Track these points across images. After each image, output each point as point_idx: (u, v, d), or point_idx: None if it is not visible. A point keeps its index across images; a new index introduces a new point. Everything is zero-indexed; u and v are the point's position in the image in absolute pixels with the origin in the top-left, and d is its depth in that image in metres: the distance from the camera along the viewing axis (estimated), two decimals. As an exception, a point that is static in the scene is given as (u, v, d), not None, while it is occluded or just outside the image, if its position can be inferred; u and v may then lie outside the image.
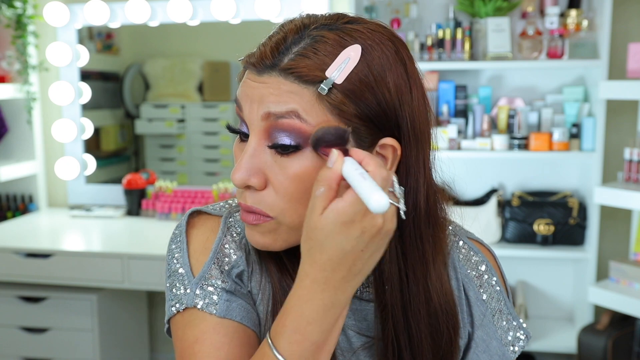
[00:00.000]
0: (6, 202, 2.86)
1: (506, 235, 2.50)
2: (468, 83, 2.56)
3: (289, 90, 0.64)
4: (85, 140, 2.88)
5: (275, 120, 0.64)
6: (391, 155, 0.67)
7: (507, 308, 0.81)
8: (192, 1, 2.64)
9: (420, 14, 2.53)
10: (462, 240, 0.83)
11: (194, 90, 2.94)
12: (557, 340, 2.48)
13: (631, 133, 2.46)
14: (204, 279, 0.72)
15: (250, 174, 0.66)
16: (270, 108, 0.64)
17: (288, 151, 0.65)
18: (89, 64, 2.86)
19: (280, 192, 0.67)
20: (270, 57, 0.65)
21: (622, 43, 2.42)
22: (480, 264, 0.81)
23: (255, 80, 0.66)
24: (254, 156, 0.67)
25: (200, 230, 0.78)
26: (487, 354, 0.79)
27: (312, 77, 0.63)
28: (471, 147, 2.43)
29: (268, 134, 0.66)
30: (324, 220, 0.58)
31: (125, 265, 2.18)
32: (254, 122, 0.66)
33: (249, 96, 0.67)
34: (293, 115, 0.63)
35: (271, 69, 0.65)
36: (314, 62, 0.64)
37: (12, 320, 2.38)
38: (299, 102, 0.63)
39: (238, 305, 0.72)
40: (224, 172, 2.95)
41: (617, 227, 2.57)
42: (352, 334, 0.75)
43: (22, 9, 2.64)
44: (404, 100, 0.66)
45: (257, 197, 0.68)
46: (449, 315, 0.74)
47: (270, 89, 0.64)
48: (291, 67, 0.64)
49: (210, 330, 0.69)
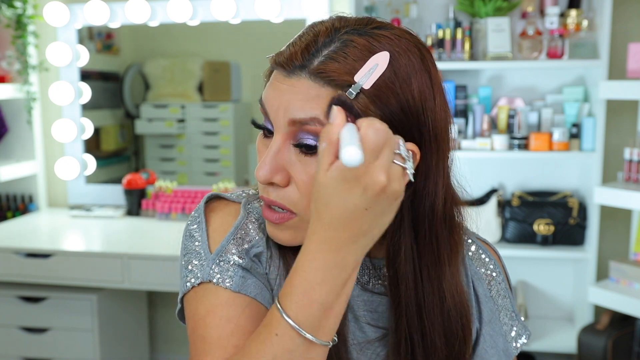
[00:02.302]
0: (6, 202, 2.86)
1: (506, 235, 2.50)
2: (468, 83, 2.56)
3: (316, 94, 0.65)
4: (85, 140, 2.88)
5: (300, 126, 0.66)
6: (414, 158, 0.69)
7: (511, 306, 0.84)
8: (192, 1, 2.64)
9: (420, 14, 2.53)
10: (471, 239, 0.85)
11: (194, 90, 2.94)
12: (557, 340, 2.48)
13: (631, 133, 2.46)
14: (222, 254, 0.73)
15: (273, 171, 0.68)
16: (295, 115, 0.65)
17: (312, 151, 0.67)
18: (89, 64, 2.86)
19: (302, 189, 0.68)
20: (300, 58, 0.66)
21: (622, 43, 2.42)
22: (489, 262, 0.85)
23: (284, 83, 0.67)
24: (278, 154, 0.68)
25: (219, 214, 0.77)
26: (495, 349, 0.81)
27: (341, 81, 0.64)
28: (471, 147, 2.43)
29: (293, 135, 0.67)
30: (328, 178, 0.58)
31: (125, 265, 2.18)
32: (279, 124, 0.67)
33: (276, 98, 0.67)
34: (316, 122, 0.65)
35: (300, 70, 0.66)
36: (343, 66, 0.64)
37: (12, 320, 2.38)
38: (324, 107, 0.64)
39: (253, 282, 0.72)
40: (224, 172, 2.95)
41: (617, 227, 2.57)
42: (366, 326, 0.76)
43: (22, 9, 2.64)
44: (427, 107, 0.68)
45: (280, 193, 0.69)
46: (462, 316, 0.76)
47: (299, 94, 0.65)
48: (321, 70, 0.65)
49: (222, 303, 0.70)
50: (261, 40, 2.74)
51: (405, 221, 0.70)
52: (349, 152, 0.55)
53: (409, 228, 0.71)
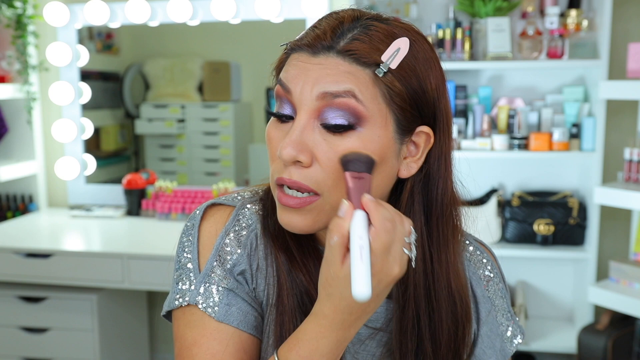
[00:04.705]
0: (6, 202, 2.86)
1: (506, 235, 2.50)
2: (468, 83, 2.56)
3: (346, 70, 0.67)
4: (85, 140, 2.88)
5: (331, 100, 0.67)
6: (423, 144, 0.73)
7: (507, 306, 0.86)
8: (192, 1, 2.64)
9: (420, 14, 2.53)
10: (468, 240, 0.86)
11: (194, 90, 2.94)
12: (557, 340, 2.48)
13: (631, 133, 2.46)
14: (207, 276, 0.75)
15: (299, 149, 0.68)
16: (327, 88, 0.67)
17: (340, 130, 0.68)
18: (89, 64, 2.86)
19: (327, 169, 0.68)
20: (328, 38, 0.68)
21: (622, 43, 2.42)
22: (487, 263, 0.86)
23: (309, 62, 0.68)
24: (303, 133, 0.68)
25: (210, 223, 0.79)
26: (493, 349, 0.83)
27: (369, 60, 0.67)
28: (471, 147, 2.43)
29: (320, 113, 0.68)
30: (343, 272, 0.62)
31: (125, 265, 2.18)
32: (306, 101, 0.68)
33: (302, 76, 0.69)
34: (350, 95, 0.67)
35: (328, 50, 0.68)
36: (370, 46, 0.68)
37: (12, 320, 2.38)
38: (356, 82, 0.67)
39: (237, 310, 0.74)
40: (224, 172, 2.95)
41: (617, 227, 2.57)
42: None
43: (22, 9, 2.64)
44: (441, 93, 0.72)
45: (303, 173, 0.69)
46: (464, 300, 0.78)
47: (327, 69, 0.67)
48: (350, 49, 0.67)
49: (207, 335, 0.73)
50: (261, 40, 2.74)
51: (416, 205, 0.74)
52: (363, 291, 0.59)
53: (420, 212, 0.74)
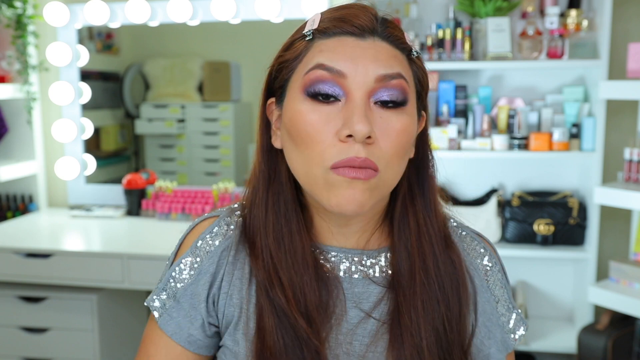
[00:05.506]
0: (6, 202, 2.86)
1: (506, 235, 2.50)
2: (468, 83, 2.56)
3: (393, 54, 0.73)
4: (85, 140, 2.88)
5: (388, 81, 0.71)
6: (419, 127, 0.79)
7: (508, 297, 0.84)
8: (192, 1, 2.64)
9: (420, 14, 2.53)
10: (465, 231, 0.86)
11: (194, 90, 2.94)
12: (557, 340, 2.48)
13: (631, 133, 2.46)
14: (165, 284, 0.82)
15: (369, 125, 0.69)
16: (383, 70, 0.71)
17: (395, 106, 0.72)
18: (89, 64, 2.86)
19: (385, 145, 0.71)
20: (371, 22, 0.73)
21: (622, 43, 2.42)
22: (485, 253, 0.85)
23: (359, 46, 0.72)
24: (366, 110, 0.70)
25: (194, 235, 0.84)
26: (492, 340, 0.81)
27: (405, 45, 0.75)
28: (471, 147, 2.43)
29: (374, 92, 0.71)
30: None
31: (125, 265, 2.18)
32: (361, 83, 0.71)
33: (357, 57, 0.71)
34: (400, 77, 0.72)
35: (373, 34, 0.73)
36: (401, 33, 0.75)
37: (12, 320, 2.38)
38: (401, 65, 0.73)
39: (175, 322, 0.81)
40: (224, 172, 2.95)
41: (617, 227, 2.57)
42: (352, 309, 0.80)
43: (22, 9, 2.64)
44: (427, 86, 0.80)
45: (369, 150, 0.70)
46: (457, 261, 0.80)
47: (381, 53, 0.72)
48: (391, 33, 0.74)
49: (150, 336, 0.82)
50: (261, 40, 2.74)
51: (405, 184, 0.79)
52: None
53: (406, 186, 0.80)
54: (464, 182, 2.63)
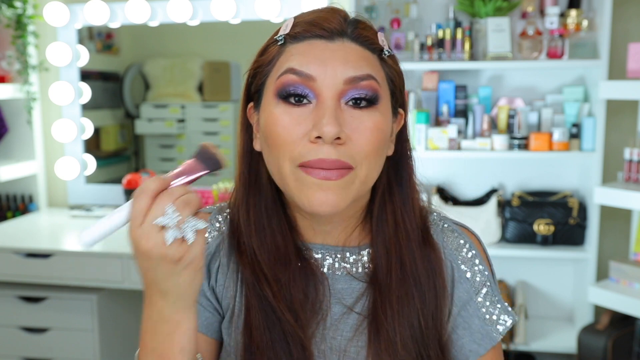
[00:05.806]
0: (6, 202, 2.86)
1: (506, 235, 2.50)
2: (468, 83, 2.56)
3: (363, 55, 0.73)
4: (85, 140, 2.88)
5: (357, 82, 0.72)
6: (397, 125, 0.80)
7: (492, 290, 0.83)
8: (192, 1, 2.64)
9: (420, 14, 2.53)
10: (447, 224, 0.86)
11: (194, 90, 2.94)
12: (557, 340, 2.48)
13: (631, 133, 2.46)
14: None
15: (338, 126, 0.70)
16: (352, 72, 0.72)
17: (367, 105, 0.72)
18: (89, 64, 2.86)
19: (359, 142, 0.71)
20: (338, 25, 0.74)
21: (622, 43, 2.42)
22: (464, 244, 0.84)
23: (328, 48, 0.72)
24: (335, 111, 0.71)
25: None
26: (469, 331, 0.81)
27: (376, 45, 0.75)
28: (471, 147, 2.43)
29: (345, 93, 0.72)
30: None
31: (125, 265, 2.18)
32: (332, 82, 0.71)
33: (326, 59, 0.72)
34: (370, 78, 0.72)
35: (342, 36, 0.73)
36: (371, 34, 0.75)
37: (12, 320, 2.38)
38: (371, 66, 0.74)
39: None
40: (223, 172, 2.95)
41: (617, 227, 2.57)
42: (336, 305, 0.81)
43: (22, 9, 2.64)
44: (404, 85, 0.80)
45: (340, 150, 0.71)
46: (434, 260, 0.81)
47: (350, 55, 0.72)
48: (360, 35, 0.74)
49: None
50: (261, 40, 2.73)
51: (384, 181, 0.80)
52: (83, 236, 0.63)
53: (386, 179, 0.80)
54: (464, 182, 2.63)
